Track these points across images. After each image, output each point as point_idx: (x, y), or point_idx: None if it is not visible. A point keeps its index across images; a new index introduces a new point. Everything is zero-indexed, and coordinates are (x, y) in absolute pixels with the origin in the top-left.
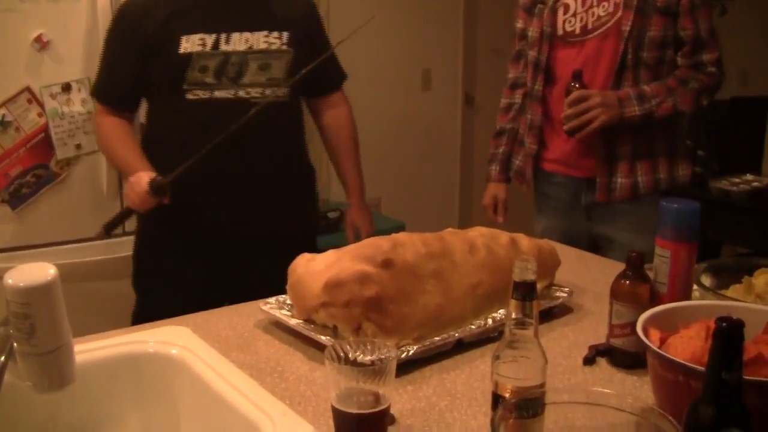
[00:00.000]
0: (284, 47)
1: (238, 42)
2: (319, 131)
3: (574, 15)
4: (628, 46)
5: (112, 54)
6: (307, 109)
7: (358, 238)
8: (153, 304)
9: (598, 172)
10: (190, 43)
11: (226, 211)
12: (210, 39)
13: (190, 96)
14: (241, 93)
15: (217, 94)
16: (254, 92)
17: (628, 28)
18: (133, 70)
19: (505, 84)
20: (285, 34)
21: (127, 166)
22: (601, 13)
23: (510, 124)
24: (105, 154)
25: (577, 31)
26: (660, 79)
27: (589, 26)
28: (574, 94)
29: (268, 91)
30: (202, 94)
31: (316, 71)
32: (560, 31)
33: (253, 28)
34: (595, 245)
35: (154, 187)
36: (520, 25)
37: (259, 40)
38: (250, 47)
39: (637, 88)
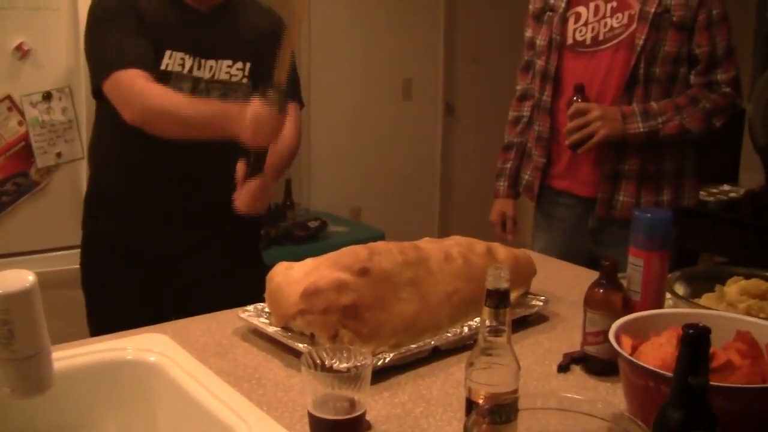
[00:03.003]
0: (244, 80)
1: (206, 69)
2: None
3: (586, 24)
4: (641, 60)
5: (121, 28)
6: None
7: None
8: (101, 312)
9: (601, 188)
10: (172, 60)
11: (178, 246)
12: (189, 61)
13: None
14: None
15: None
16: None
17: (641, 42)
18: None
19: (514, 95)
20: (248, 65)
21: (220, 109)
22: (615, 24)
23: (518, 138)
24: (167, 122)
25: (588, 41)
26: (671, 97)
27: (601, 37)
28: (574, 107)
29: None
30: None
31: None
32: (570, 40)
33: (218, 56)
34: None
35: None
36: (528, 33)
37: (222, 69)
38: (213, 76)
39: (644, 104)
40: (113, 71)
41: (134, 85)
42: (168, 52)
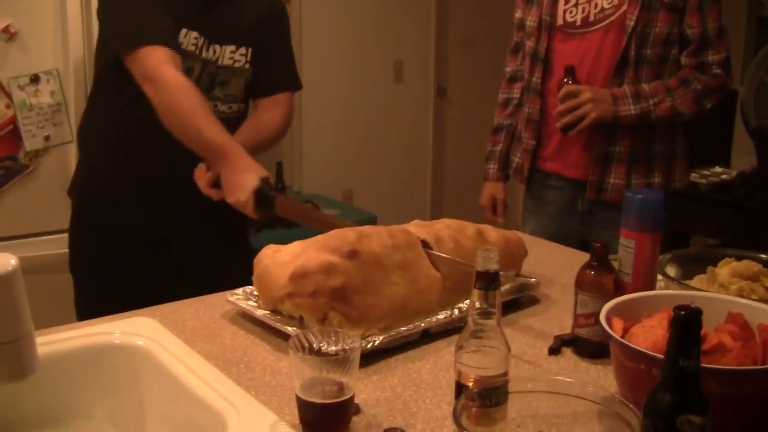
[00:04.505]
0: (246, 66)
1: (211, 52)
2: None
3: (576, 5)
4: (632, 41)
5: None
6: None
7: None
8: (89, 294)
9: (591, 170)
10: (187, 39)
11: (169, 228)
12: (200, 41)
13: None
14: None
15: None
16: (214, 107)
17: (632, 23)
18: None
19: (503, 77)
20: (250, 51)
21: (223, 146)
22: (605, 5)
23: (508, 120)
24: (176, 121)
25: (578, 22)
26: (662, 79)
27: (591, 18)
28: (564, 89)
29: (224, 107)
30: None
31: (265, 70)
32: (560, 21)
33: (223, 41)
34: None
35: (261, 198)
36: (518, 15)
37: (225, 54)
38: (216, 60)
39: (635, 86)
40: (140, 45)
41: (161, 69)
42: (184, 30)
